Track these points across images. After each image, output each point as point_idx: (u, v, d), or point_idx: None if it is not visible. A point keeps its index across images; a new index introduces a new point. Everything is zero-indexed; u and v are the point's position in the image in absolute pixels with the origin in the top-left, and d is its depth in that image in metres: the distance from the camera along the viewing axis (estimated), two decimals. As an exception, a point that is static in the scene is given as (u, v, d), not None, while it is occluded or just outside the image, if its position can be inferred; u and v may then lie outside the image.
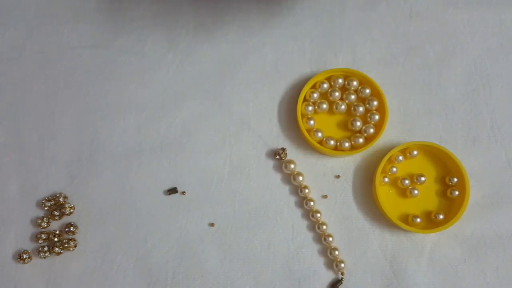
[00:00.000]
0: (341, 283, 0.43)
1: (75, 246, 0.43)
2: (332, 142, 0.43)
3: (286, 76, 0.46)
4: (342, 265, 0.43)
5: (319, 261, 0.43)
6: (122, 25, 0.47)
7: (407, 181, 0.43)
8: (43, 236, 0.43)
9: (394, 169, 0.44)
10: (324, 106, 0.44)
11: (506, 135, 0.45)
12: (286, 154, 0.44)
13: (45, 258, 0.43)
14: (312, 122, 0.44)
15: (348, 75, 0.45)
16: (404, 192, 0.44)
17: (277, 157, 0.44)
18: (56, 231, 0.43)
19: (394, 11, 0.48)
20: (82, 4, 0.48)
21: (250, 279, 0.43)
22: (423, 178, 0.43)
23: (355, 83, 0.44)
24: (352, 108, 0.44)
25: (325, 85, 0.44)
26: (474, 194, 0.43)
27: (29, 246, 0.44)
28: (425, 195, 0.44)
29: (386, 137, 0.45)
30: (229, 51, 0.47)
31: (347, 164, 0.45)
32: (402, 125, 0.45)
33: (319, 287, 0.43)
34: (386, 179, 0.44)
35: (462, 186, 0.43)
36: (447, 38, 0.47)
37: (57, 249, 0.43)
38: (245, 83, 0.46)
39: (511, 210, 0.44)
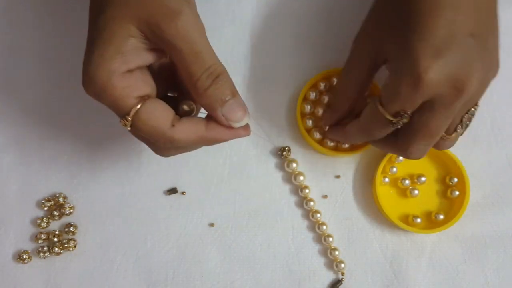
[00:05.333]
0: (341, 283, 0.43)
1: (75, 246, 0.43)
2: (332, 142, 0.43)
3: (286, 75, 0.46)
4: (342, 265, 0.43)
5: (319, 261, 0.43)
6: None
7: (407, 181, 0.43)
8: (43, 236, 0.43)
9: (394, 169, 0.44)
10: (320, 110, 0.44)
11: (506, 135, 0.45)
12: (289, 152, 0.44)
13: (44, 258, 0.43)
14: (311, 122, 0.44)
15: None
16: (404, 192, 0.44)
17: (281, 154, 0.44)
18: (56, 231, 0.43)
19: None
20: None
21: (250, 279, 0.43)
22: (423, 178, 0.43)
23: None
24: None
25: (324, 85, 0.44)
26: (474, 194, 0.43)
27: (29, 246, 0.44)
28: (425, 195, 0.44)
29: (386, 137, 0.44)
30: (233, 52, 0.46)
31: (347, 164, 0.45)
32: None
33: (319, 287, 0.43)
34: (386, 179, 0.44)
35: (462, 186, 0.43)
36: (447, 38, 0.47)
37: (56, 249, 0.43)
38: (244, 83, 0.46)
39: (511, 210, 0.44)
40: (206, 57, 0.31)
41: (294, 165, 0.44)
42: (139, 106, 0.30)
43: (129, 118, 0.30)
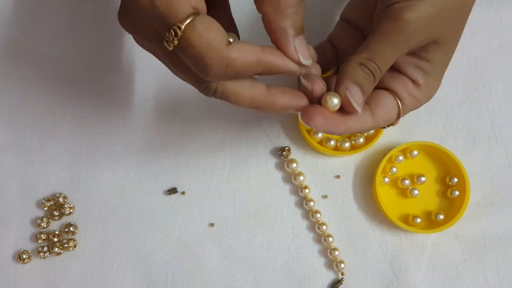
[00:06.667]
0: (341, 283, 0.43)
1: (75, 246, 0.43)
2: (332, 142, 0.43)
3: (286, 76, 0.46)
4: (342, 265, 0.43)
5: (319, 261, 0.43)
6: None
7: (407, 181, 0.43)
8: (43, 236, 0.43)
9: (394, 169, 0.44)
10: None
11: (506, 135, 0.45)
12: (289, 152, 0.44)
13: (44, 258, 0.43)
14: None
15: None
16: (404, 192, 0.44)
17: (281, 154, 0.44)
18: (56, 231, 0.43)
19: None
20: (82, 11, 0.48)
21: (250, 279, 0.43)
22: (423, 178, 0.43)
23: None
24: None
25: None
26: (474, 194, 0.43)
27: (29, 246, 0.44)
28: (426, 195, 0.44)
29: (386, 137, 0.44)
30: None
31: (347, 164, 0.45)
32: (402, 125, 0.45)
33: (319, 287, 0.43)
34: (386, 179, 0.44)
35: (462, 186, 0.43)
36: (447, 38, 0.47)
37: (56, 249, 0.43)
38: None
39: (511, 210, 0.44)
40: None
41: (294, 165, 0.44)
42: (193, 17, 0.26)
43: (182, 27, 0.26)
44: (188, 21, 0.26)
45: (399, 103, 0.33)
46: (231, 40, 0.28)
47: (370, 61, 0.30)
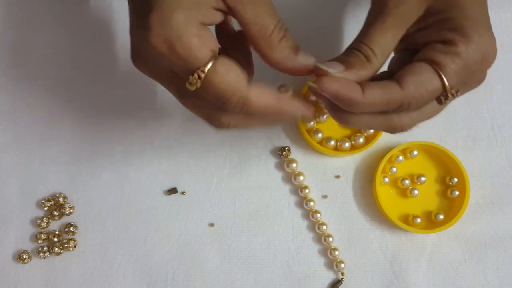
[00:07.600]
0: (341, 283, 0.43)
1: (75, 246, 0.43)
2: (332, 142, 0.43)
3: (286, 75, 0.46)
4: (342, 265, 0.43)
5: (319, 261, 0.43)
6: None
7: (407, 181, 0.43)
8: (43, 236, 0.43)
9: (394, 169, 0.44)
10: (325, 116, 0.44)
11: (506, 135, 0.45)
12: (289, 152, 0.44)
13: (44, 258, 0.43)
14: (312, 122, 0.44)
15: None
16: (404, 192, 0.44)
17: (281, 154, 0.44)
18: (56, 231, 0.43)
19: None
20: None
21: (250, 279, 0.43)
22: (423, 178, 0.43)
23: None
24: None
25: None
26: (474, 194, 0.43)
27: (29, 246, 0.44)
28: (425, 195, 0.44)
29: (386, 137, 0.44)
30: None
31: (347, 164, 0.45)
32: (402, 125, 0.45)
33: (319, 287, 0.43)
34: (386, 179, 0.44)
35: (462, 186, 0.43)
36: (447, 38, 0.47)
37: (56, 249, 0.43)
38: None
39: (511, 210, 0.44)
40: (276, 11, 0.30)
41: (294, 165, 0.44)
42: (213, 60, 0.28)
43: (205, 70, 0.28)
44: (210, 65, 0.28)
45: (438, 69, 0.29)
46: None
47: (357, 42, 0.31)
